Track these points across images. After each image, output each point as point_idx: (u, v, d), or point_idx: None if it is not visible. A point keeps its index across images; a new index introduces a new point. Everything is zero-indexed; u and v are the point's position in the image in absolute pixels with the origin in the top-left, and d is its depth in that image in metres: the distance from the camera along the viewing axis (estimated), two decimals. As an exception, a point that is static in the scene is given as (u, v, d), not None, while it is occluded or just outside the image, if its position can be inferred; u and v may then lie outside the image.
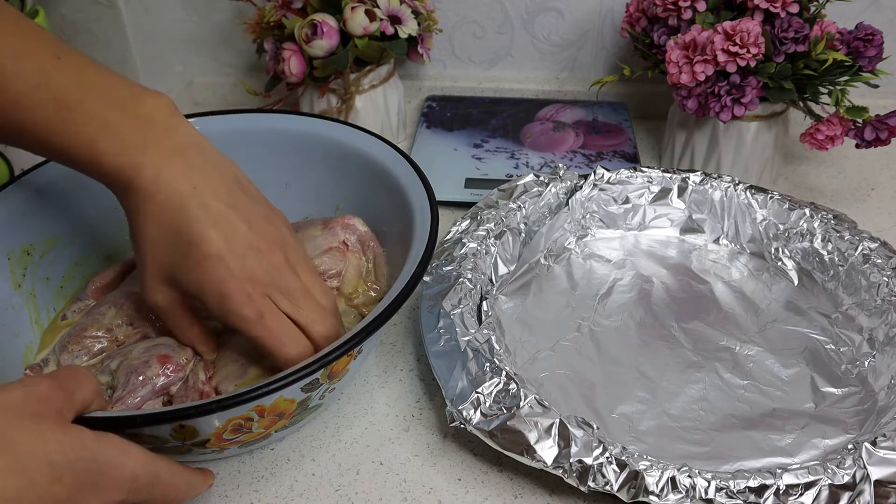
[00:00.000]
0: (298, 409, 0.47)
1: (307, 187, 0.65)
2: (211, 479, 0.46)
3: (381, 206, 0.60)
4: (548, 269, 0.67)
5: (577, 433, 0.47)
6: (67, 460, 0.35)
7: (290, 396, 0.45)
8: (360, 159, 0.62)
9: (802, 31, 0.67)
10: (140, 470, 0.39)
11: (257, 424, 0.46)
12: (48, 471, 0.34)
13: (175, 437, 0.44)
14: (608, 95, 0.91)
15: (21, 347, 0.55)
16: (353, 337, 0.45)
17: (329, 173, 0.64)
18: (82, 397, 0.39)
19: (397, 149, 0.61)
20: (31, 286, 0.57)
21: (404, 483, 0.51)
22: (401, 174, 0.59)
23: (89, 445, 0.37)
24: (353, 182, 0.63)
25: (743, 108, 0.68)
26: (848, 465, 0.46)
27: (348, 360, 0.48)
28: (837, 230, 0.63)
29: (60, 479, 0.35)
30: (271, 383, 0.42)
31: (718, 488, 0.45)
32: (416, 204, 0.56)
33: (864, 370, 0.57)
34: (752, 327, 0.61)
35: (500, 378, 0.50)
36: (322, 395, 0.48)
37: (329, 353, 0.44)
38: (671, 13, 0.71)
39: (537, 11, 0.88)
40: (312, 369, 0.43)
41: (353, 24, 0.74)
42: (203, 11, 0.91)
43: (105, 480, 0.37)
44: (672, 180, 0.69)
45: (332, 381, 0.48)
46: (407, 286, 0.48)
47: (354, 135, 0.63)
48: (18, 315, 0.56)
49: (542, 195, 0.67)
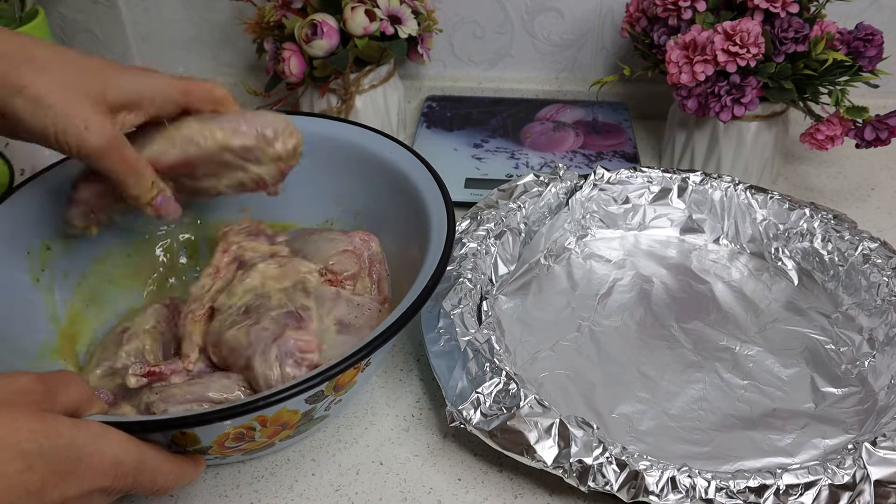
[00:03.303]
0: (303, 419, 0.47)
1: (328, 190, 0.65)
2: (202, 466, 0.45)
3: (398, 213, 0.60)
4: (548, 269, 0.67)
5: (577, 433, 0.47)
6: (41, 448, 0.35)
7: (293, 408, 0.45)
8: (379, 164, 0.61)
9: (802, 31, 0.67)
10: (124, 456, 0.38)
11: (260, 434, 0.45)
12: (19, 459, 0.34)
13: (176, 443, 0.43)
14: (608, 95, 0.91)
15: (36, 343, 0.55)
16: (359, 350, 0.44)
17: (350, 177, 0.64)
18: (67, 398, 0.38)
19: (419, 157, 0.60)
20: (50, 281, 0.57)
21: (404, 483, 0.51)
22: (420, 182, 0.58)
23: (65, 433, 0.36)
24: (373, 188, 0.62)
25: (743, 108, 0.68)
26: (848, 465, 0.46)
27: (355, 372, 0.47)
28: (837, 230, 0.63)
29: (32, 467, 0.34)
30: (274, 394, 0.41)
31: (718, 488, 0.45)
32: (434, 217, 0.55)
33: (864, 370, 0.57)
34: (752, 327, 0.61)
35: (500, 378, 0.50)
36: (328, 406, 0.48)
37: (334, 367, 0.43)
38: (671, 13, 0.71)
39: (537, 11, 0.88)
40: (315, 382, 0.42)
41: (353, 24, 0.74)
42: (203, 11, 0.91)
43: (83, 468, 0.36)
44: (672, 180, 0.69)
45: (339, 392, 0.47)
46: (416, 302, 0.47)
47: (377, 140, 0.62)
48: (35, 309, 0.56)
49: (542, 195, 0.67)
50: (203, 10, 0.91)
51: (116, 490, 0.39)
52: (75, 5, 0.84)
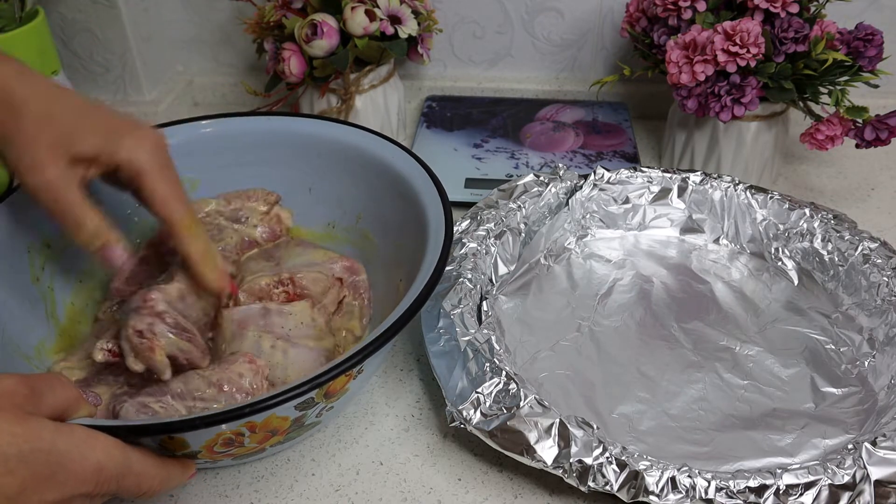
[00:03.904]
0: (293, 426, 0.46)
1: (330, 193, 0.65)
2: (191, 470, 0.45)
3: (398, 216, 0.59)
4: (548, 269, 0.67)
5: (577, 433, 0.47)
6: (21, 452, 0.34)
7: (283, 414, 0.44)
8: (379, 167, 0.61)
9: (802, 31, 0.67)
10: (107, 461, 0.38)
11: (249, 440, 0.45)
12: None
13: (164, 447, 0.43)
14: (608, 95, 0.91)
15: (34, 340, 0.55)
16: (349, 358, 0.43)
17: (352, 181, 0.63)
18: (53, 400, 0.38)
19: (421, 161, 0.59)
20: (50, 280, 0.57)
21: (404, 483, 0.51)
22: (419, 185, 0.58)
23: (46, 437, 0.35)
24: (374, 190, 0.62)
25: (743, 108, 0.68)
26: (848, 465, 0.46)
27: (347, 379, 0.47)
28: (837, 230, 0.63)
29: (12, 471, 0.34)
30: (262, 401, 0.41)
31: (718, 488, 0.45)
32: (432, 220, 0.54)
33: (864, 370, 0.57)
34: (752, 327, 0.61)
35: (500, 378, 0.50)
36: (319, 413, 0.47)
37: (322, 374, 0.42)
38: (671, 13, 0.71)
39: (537, 11, 0.88)
40: (304, 389, 0.42)
41: (353, 24, 0.74)
42: (203, 11, 0.91)
43: (65, 473, 0.36)
44: (672, 180, 0.69)
45: (330, 399, 0.47)
46: (408, 310, 0.46)
47: (379, 143, 0.62)
48: (34, 308, 0.56)
49: (542, 195, 0.67)
50: (203, 10, 0.91)
51: (99, 495, 0.38)
52: (75, 5, 0.84)
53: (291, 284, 0.58)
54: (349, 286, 0.60)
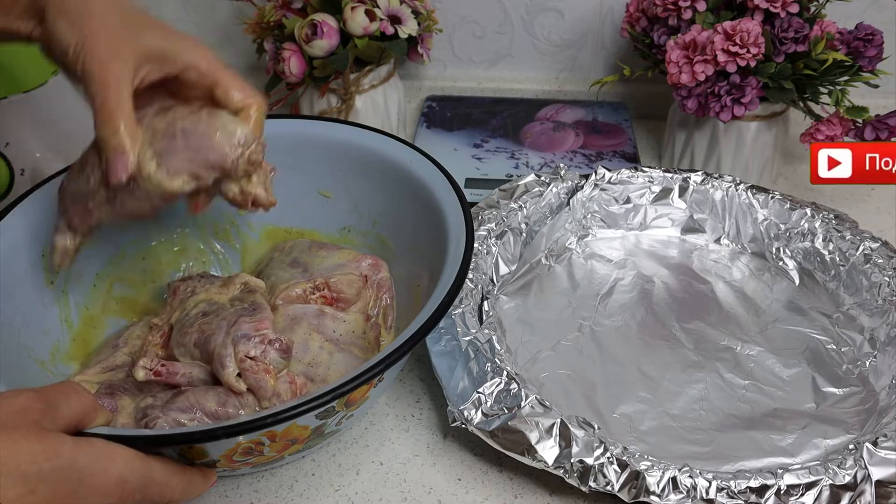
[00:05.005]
0: (313, 434, 0.46)
1: (345, 197, 0.64)
2: (212, 479, 0.45)
3: (416, 223, 0.58)
4: (549, 269, 0.67)
5: (578, 433, 0.47)
6: (41, 471, 0.34)
7: (303, 423, 0.44)
8: (396, 171, 0.60)
9: (802, 31, 0.67)
10: (129, 473, 0.38)
11: (269, 449, 0.45)
12: (20, 483, 0.33)
13: (184, 456, 0.43)
14: (608, 95, 0.91)
15: (48, 345, 0.54)
16: (371, 367, 0.43)
17: (370, 184, 0.62)
18: (69, 411, 0.38)
19: (440, 166, 0.58)
20: (64, 283, 0.57)
21: (404, 483, 0.51)
22: (440, 193, 0.56)
23: (66, 453, 0.35)
24: (390, 194, 0.61)
25: (743, 108, 0.68)
26: (849, 465, 0.46)
27: (368, 388, 0.46)
28: (839, 230, 0.63)
29: (34, 490, 0.34)
30: (284, 411, 0.41)
31: (719, 488, 0.45)
32: (452, 229, 0.53)
33: (865, 370, 0.57)
34: (753, 327, 0.61)
35: (501, 378, 0.50)
36: (339, 421, 0.47)
37: (344, 384, 0.42)
38: (671, 13, 0.71)
39: (537, 11, 0.88)
40: (326, 399, 0.41)
41: (353, 24, 0.74)
42: (203, 11, 0.91)
43: (85, 488, 0.36)
44: (673, 180, 0.69)
45: (350, 408, 0.47)
46: (430, 319, 0.45)
47: (395, 147, 0.61)
48: (48, 312, 0.55)
49: (543, 195, 0.67)
50: (203, 10, 0.91)
51: None
52: (75, 5, 0.84)
53: (327, 289, 0.57)
54: (372, 285, 0.59)
